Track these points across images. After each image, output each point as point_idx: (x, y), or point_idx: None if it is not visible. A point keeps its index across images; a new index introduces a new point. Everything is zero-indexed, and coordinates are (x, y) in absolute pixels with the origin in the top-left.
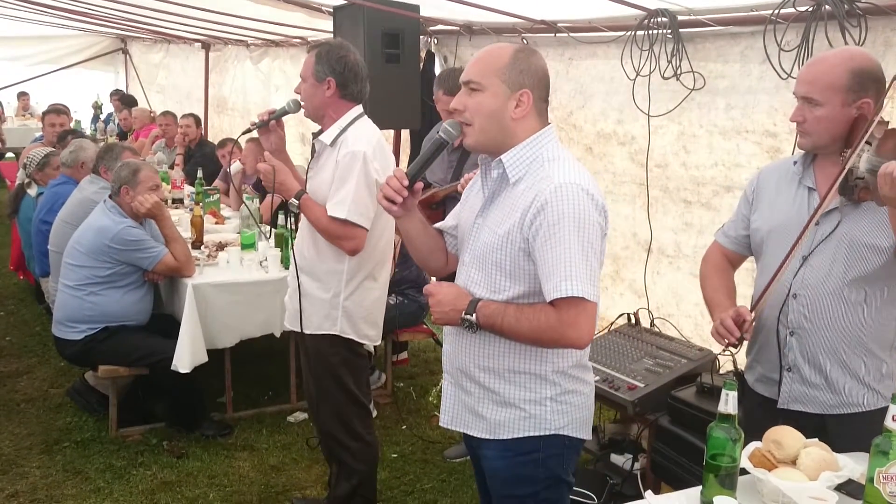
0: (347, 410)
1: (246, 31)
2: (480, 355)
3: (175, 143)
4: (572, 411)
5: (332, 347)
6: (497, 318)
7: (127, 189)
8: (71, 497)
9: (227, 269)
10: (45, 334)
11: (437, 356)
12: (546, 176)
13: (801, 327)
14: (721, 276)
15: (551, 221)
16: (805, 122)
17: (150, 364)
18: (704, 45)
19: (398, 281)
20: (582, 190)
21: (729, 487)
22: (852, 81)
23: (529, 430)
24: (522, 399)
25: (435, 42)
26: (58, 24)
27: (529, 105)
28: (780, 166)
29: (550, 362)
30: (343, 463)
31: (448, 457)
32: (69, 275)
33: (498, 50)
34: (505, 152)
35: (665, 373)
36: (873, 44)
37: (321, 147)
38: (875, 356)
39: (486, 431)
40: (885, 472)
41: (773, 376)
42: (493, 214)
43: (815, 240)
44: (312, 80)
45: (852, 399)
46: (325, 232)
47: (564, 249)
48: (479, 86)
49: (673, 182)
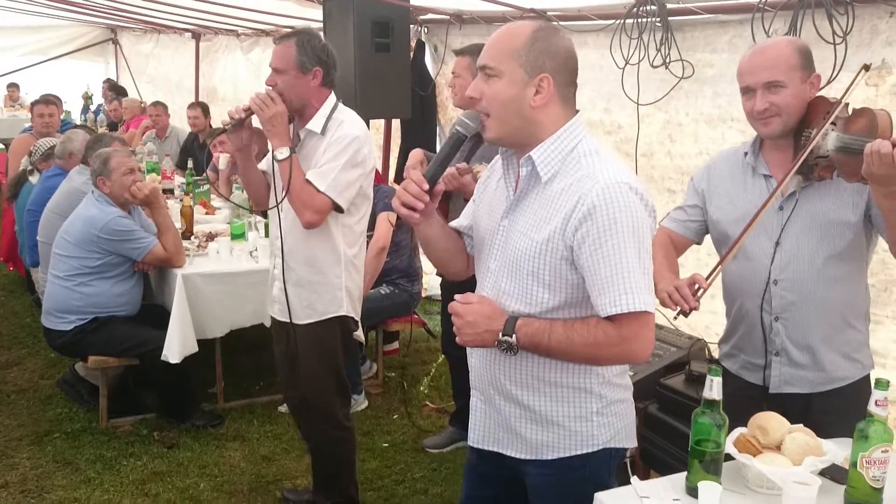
0: (333, 400)
1: (236, 20)
2: (515, 369)
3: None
4: (617, 422)
5: (331, 332)
6: (542, 336)
7: (102, 180)
8: (61, 488)
9: (217, 259)
10: (35, 325)
11: (427, 346)
12: (588, 174)
13: (786, 311)
14: (666, 252)
15: (602, 228)
16: (772, 105)
17: (141, 354)
18: (693, 34)
19: (389, 270)
20: (631, 190)
21: (714, 473)
22: (803, 59)
23: (575, 449)
24: (565, 416)
25: (425, 31)
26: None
27: (550, 92)
28: (730, 157)
29: (595, 373)
30: (324, 451)
31: (428, 446)
32: (58, 265)
33: (515, 29)
34: (532, 146)
35: (654, 361)
36: (860, 32)
37: (307, 136)
38: (853, 327)
39: (526, 452)
40: (868, 457)
41: (759, 362)
42: (524, 217)
43: (781, 225)
44: (296, 71)
45: (837, 373)
46: (297, 195)
47: (620, 259)
48: (494, 71)
49: (658, 171)
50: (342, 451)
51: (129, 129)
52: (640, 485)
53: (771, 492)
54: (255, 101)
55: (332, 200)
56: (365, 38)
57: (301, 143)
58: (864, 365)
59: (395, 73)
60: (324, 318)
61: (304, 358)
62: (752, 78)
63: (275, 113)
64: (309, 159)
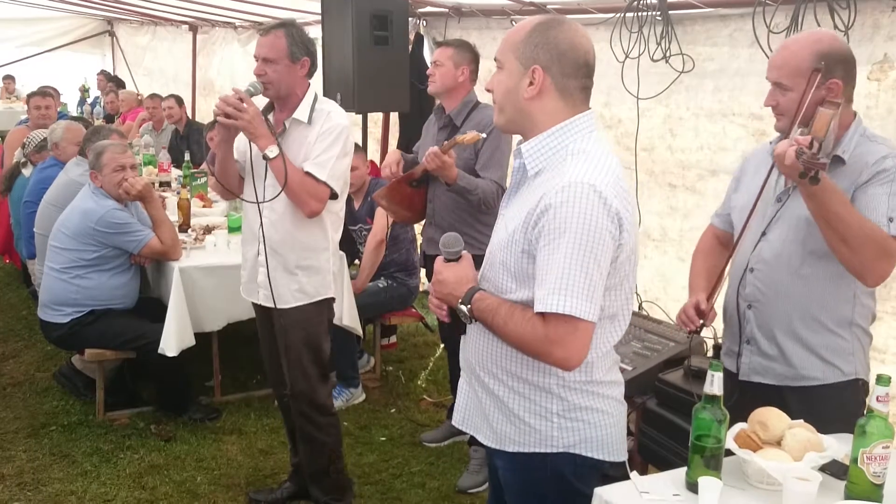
0: (317, 386)
1: (234, 13)
2: (487, 358)
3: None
4: (586, 429)
5: (320, 314)
6: (488, 314)
7: (95, 174)
8: (58, 480)
9: (214, 252)
10: (31, 318)
11: (425, 340)
12: (561, 172)
13: (756, 300)
14: (706, 258)
15: (552, 226)
16: (778, 105)
17: (137, 347)
18: (694, 28)
19: (387, 264)
20: (593, 191)
21: (714, 468)
22: (818, 64)
23: (534, 447)
24: (526, 411)
25: (424, 24)
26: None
27: (541, 83)
28: (763, 149)
29: (554, 374)
30: (314, 439)
31: (425, 440)
32: (55, 258)
33: (521, 24)
34: (529, 138)
35: (653, 356)
36: (862, 26)
37: (292, 124)
38: (831, 331)
39: (493, 441)
40: (868, 453)
41: (734, 349)
42: (511, 209)
43: (772, 216)
44: (287, 61)
45: (807, 372)
46: (299, 186)
47: (561, 259)
48: (499, 63)
49: (658, 166)
50: (330, 439)
51: (125, 121)
52: (640, 480)
53: (771, 487)
54: (225, 109)
55: (332, 188)
56: (363, 31)
57: (286, 131)
58: (844, 371)
59: (394, 66)
60: (314, 300)
61: (290, 342)
62: (768, 72)
63: (253, 114)
64: (295, 148)
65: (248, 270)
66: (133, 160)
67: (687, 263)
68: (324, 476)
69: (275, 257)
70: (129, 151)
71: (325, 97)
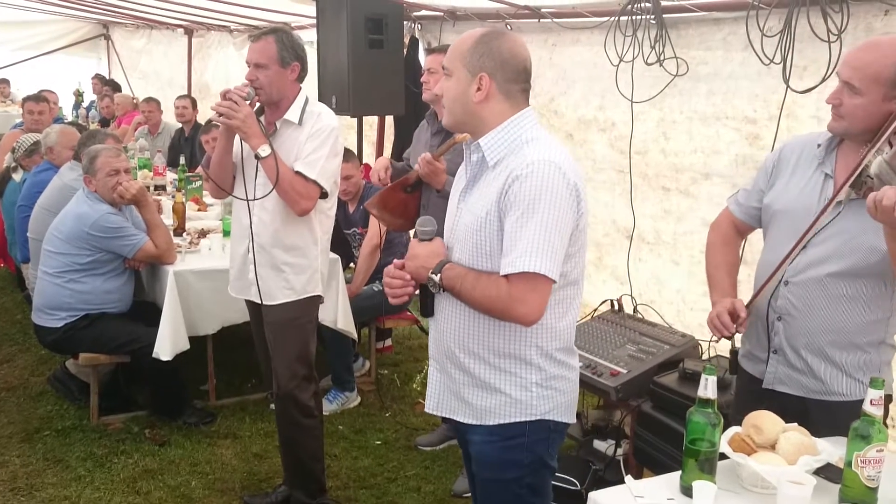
0: (303, 387)
1: (229, 16)
2: (465, 337)
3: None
4: (557, 396)
5: (307, 310)
6: (457, 281)
7: (89, 178)
8: (51, 485)
9: (208, 255)
10: (25, 322)
11: (421, 343)
12: (523, 155)
13: (788, 314)
14: (726, 250)
15: (519, 198)
16: (841, 105)
17: (132, 351)
18: (688, 31)
19: (383, 268)
20: (554, 166)
21: (708, 472)
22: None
23: (515, 416)
24: (508, 384)
25: (419, 28)
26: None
27: (488, 89)
28: (805, 143)
29: (534, 344)
30: (295, 442)
31: (420, 444)
32: (49, 262)
33: (466, 35)
34: (480, 136)
35: (648, 359)
36: (855, 30)
37: (283, 125)
38: (863, 350)
39: (472, 417)
40: (863, 456)
41: (761, 355)
42: (473, 197)
43: (816, 230)
44: (278, 66)
45: (835, 388)
46: (290, 185)
47: (526, 224)
48: (448, 70)
49: (652, 169)
50: (312, 441)
51: (121, 125)
52: (634, 484)
53: (766, 491)
54: (221, 108)
55: (321, 187)
56: (358, 35)
57: (277, 132)
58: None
59: (389, 69)
60: (302, 297)
61: (277, 338)
62: (841, 68)
63: (246, 114)
64: (287, 148)
65: (238, 268)
66: (127, 164)
67: (681, 266)
68: (305, 479)
69: (263, 254)
70: (124, 155)
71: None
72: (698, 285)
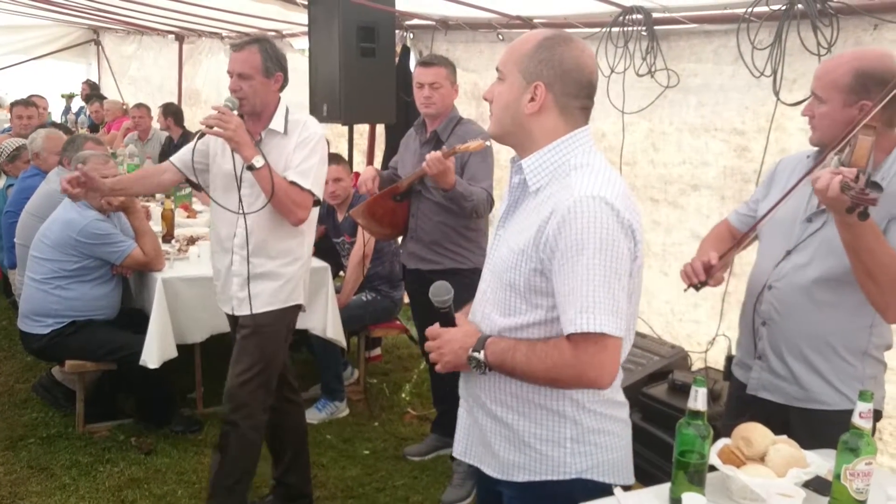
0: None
1: (220, 23)
2: (494, 386)
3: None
4: (599, 453)
5: (286, 319)
6: (507, 354)
7: None
8: (35, 494)
9: (197, 263)
10: (11, 328)
11: (410, 352)
12: (567, 186)
13: (770, 318)
14: (716, 242)
15: (569, 242)
16: (814, 117)
17: (119, 359)
18: (678, 43)
19: (371, 277)
20: (605, 204)
21: (698, 484)
22: (854, 82)
23: (546, 474)
24: (538, 438)
25: (411, 36)
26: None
27: (542, 100)
28: (799, 157)
29: (568, 397)
30: (231, 452)
31: (409, 454)
32: (36, 268)
33: (528, 36)
34: (527, 154)
35: (637, 370)
36: (844, 43)
37: (268, 135)
38: (844, 360)
39: (498, 471)
40: (851, 469)
41: (748, 362)
42: (511, 226)
43: (801, 236)
44: (261, 76)
45: (816, 396)
46: (286, 195)
47: (583, 276)
48: (501, 74)
49: (641, 180)
50: (249, 458)
51: (110, 130)
52: (624, 496)
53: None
54: (211, 120)
55: (315, 196)
56: (350, 43)
57: (262, 142)
58: (852, 399)
59: (380, 77)
60: (286, 305)
61: (247, 343)
62: (812, 81)
63: (237, 125)
64: (274, 158)
65: (222, 281)
66: (115, 170)
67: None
68: (228, 494)
69: (246, 265)
70: (112, 162)
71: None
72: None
